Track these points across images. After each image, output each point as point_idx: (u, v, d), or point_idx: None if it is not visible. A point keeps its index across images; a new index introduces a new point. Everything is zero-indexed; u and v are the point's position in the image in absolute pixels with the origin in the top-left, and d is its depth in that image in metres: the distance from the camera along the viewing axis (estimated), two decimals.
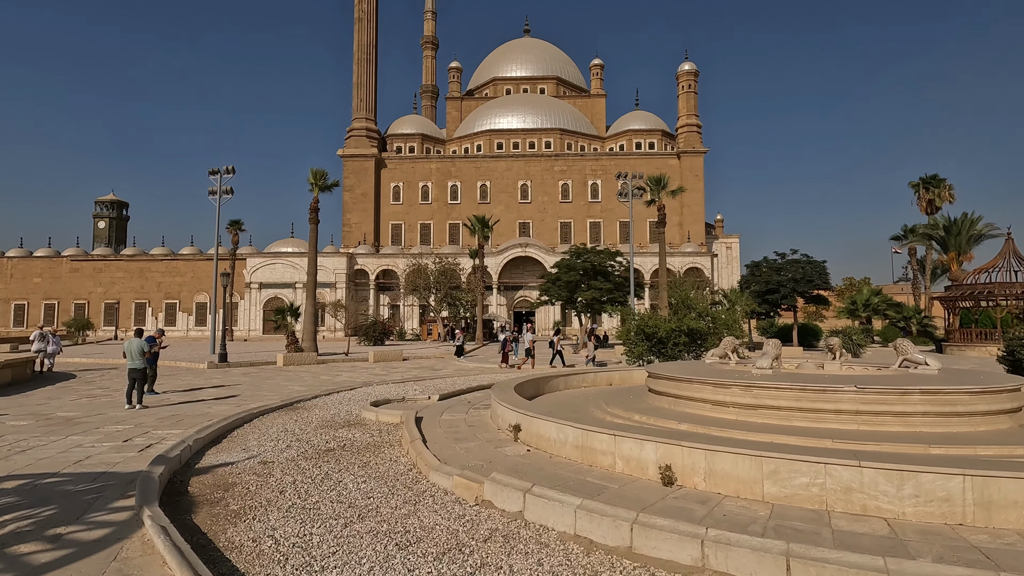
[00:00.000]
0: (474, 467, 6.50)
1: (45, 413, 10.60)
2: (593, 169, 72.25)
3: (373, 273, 63.98)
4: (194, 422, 9.57)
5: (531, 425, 7.66)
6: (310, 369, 21.76)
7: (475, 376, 18.36)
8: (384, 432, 9.04)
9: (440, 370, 21.24)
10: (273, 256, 61.94)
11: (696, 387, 8.93)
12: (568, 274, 34.05)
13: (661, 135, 74.73)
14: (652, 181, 36.59)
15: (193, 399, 12.66)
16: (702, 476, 5.53)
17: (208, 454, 7.53)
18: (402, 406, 11.21)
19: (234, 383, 16.38)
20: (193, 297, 61.74)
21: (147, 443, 7.83)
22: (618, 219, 71.49)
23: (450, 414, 10.26)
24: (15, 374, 16.58)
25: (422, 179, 72.64)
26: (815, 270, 30.87)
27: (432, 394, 12.77)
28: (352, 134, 72.21)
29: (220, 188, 32.06)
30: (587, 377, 14.77)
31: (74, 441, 7.90)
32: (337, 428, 9.29)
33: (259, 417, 10.23)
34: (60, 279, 61.85)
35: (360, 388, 14.63)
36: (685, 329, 17.84)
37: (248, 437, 8.57)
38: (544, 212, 71.89)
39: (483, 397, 12.71)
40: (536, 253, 64.37)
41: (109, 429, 8.85)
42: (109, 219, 78.39)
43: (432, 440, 7.94)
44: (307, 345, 29.15)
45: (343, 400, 12.41)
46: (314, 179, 30.95)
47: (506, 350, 22.40)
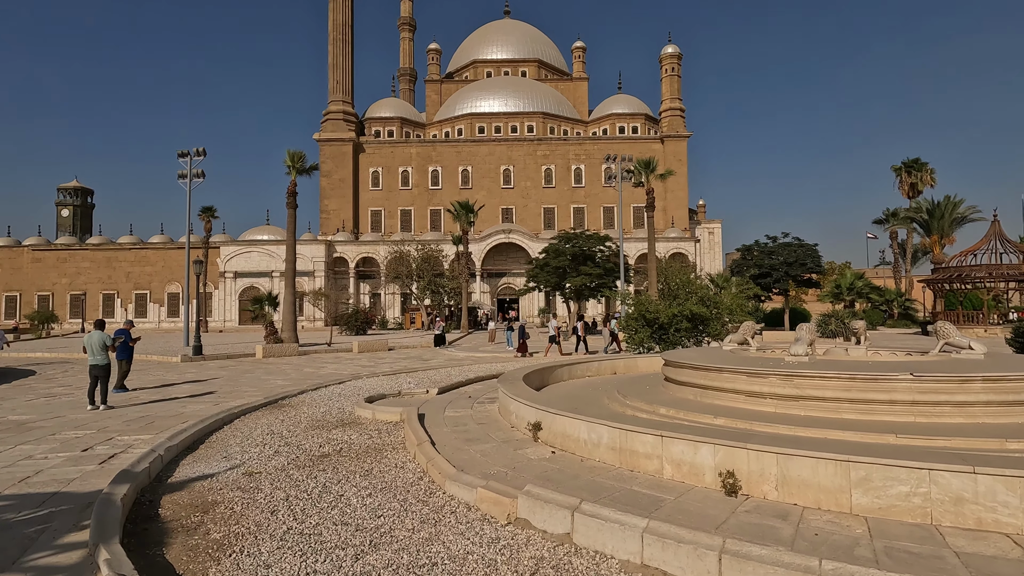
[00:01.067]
0: (497, 475, 5.62)
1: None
2: (576, 154, 71.33)
3: (353, 261, 62.32)
4: (166, 424, 8.49)
5: (555, 424, 6.80)
6: (291, 361, 20.61)
7: (469, 367, 17.46)
8: (383, 432, 8.10)
9: (430, 360, 20.28)
10: (248, 244, 59.85)
11: (727, 377, 8.17)
12: (557, 259, 33.25)
13: (644, 119, 74.09)
14: (641, 164, 35.88)
15: (165, 397, 11.52)
16: (773, 484, 4.74)
17: (183, 464, 6.50)
18: (399, 401, 10.27)
19: (210, 378, 15.21)
20: (164, 287, 59.41)
21: (110, 452, 6.77)
22: (602, 204, 70.87)
23: (453, 410, 9.36)
24: None
25: (402, 164, 70.85)
26: (807, 253, 30.59)
27: (429, 387, 11.84)
28: (329, 117, 69.91)
29: (191, 171, 30.33)
30: (591, 366, 14.01)
31: (23, 452, 6.79)
32: (330, 429, 8.32)
33: (240, 417, 9.18)
34: (21, 270, 58.86)
35: (349, 382, 13.61)
36: (688, 314, 17.17)
37: (229, 442, 7.54)
38: (527, 197, 70.84)
39: (484, 390, 11.83)
40: (520, 239, 63.42)
41: (67, 435, 7.73)
42: (73, 207, 75.01)
43: (441, 442, 7.03)
44: (287, 336, 27.88)
45: (333, 396, 11.40)
46: (291, 161, 29.43)
47: (524, 339, 21.59)
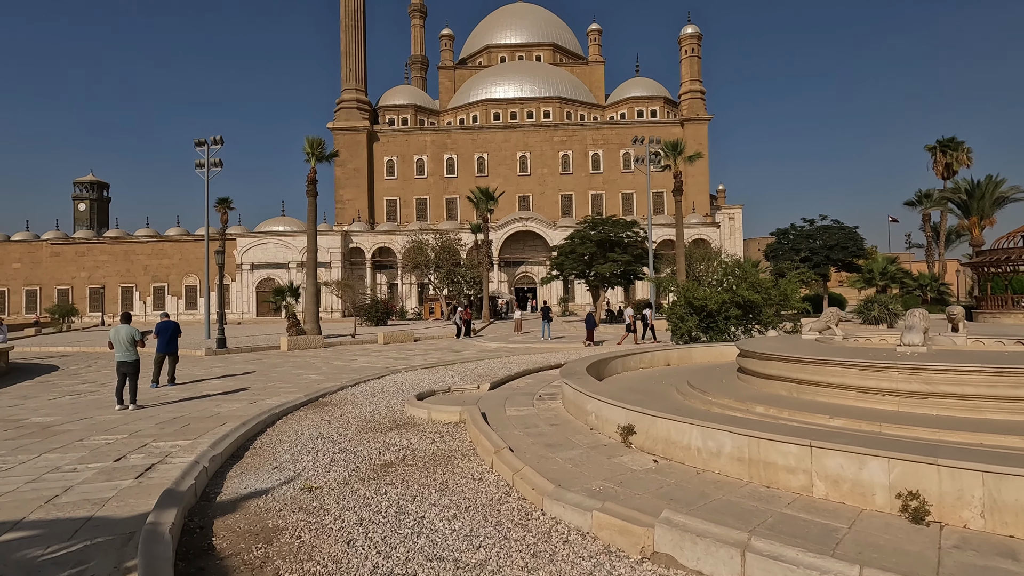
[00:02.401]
0: (604, 493, 4.72)
1: (16, 418, 8.67)
2: (594, 139, 69.84)
3: (369, 251, 61.66)
4: (203, 427, 7.70)
5: (653, 428, 5.86)
6: (318, 353, 19.88)
7: (507, 359, 16.58)
8: (445, 435, 7.23)
9: (462, 352, 19.44)
10: (264, 235, 59.39)
11: (832, 370, 7.17)
12: (583, 246, 32.19)
13: (663, 102, 72.29)
14: (668, 146, 34.58)
15: (196, 394, 10.76)
16: (978, 510, 3.77)
17: (230, 477, 5.67)
18: (451, 399, 9.40)
19: (239, 372, 14.48)
20: (182, 280, 59.24)
21: (147, 463, 5.96)
22: (620, 191, 69.46)
23: (515, 408, 8.47)
24: None
25: (417, 152, 69.85)
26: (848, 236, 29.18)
27: (479, 382, 10.96)
28: (342, 106, 69.00)
29: (208, 160, 29.59)
30: (643, 357, 13.06)
31: (49, 463, 6.00)
32: (385, 431, 7.46)
33: (283, 418, 8.37)
34: (41, 264, 58.96)
35: (387, 376, 12.78)
36: (740, 300, 16.10)
37: (277, 448, 6.72)
38: (544, 184, 69.59)
39: (537, 384, 10.94)
40: (538, 227, 62.33)
41: (96, 441, 6.95)
42: (90, 201, 75.07)
43: (519, 448, 6.14)
44: (310, 327, 27.20)
45: (376, 392, 10.56)
46: (310, 148, 28.58)
47: (592, 328, 20.74)
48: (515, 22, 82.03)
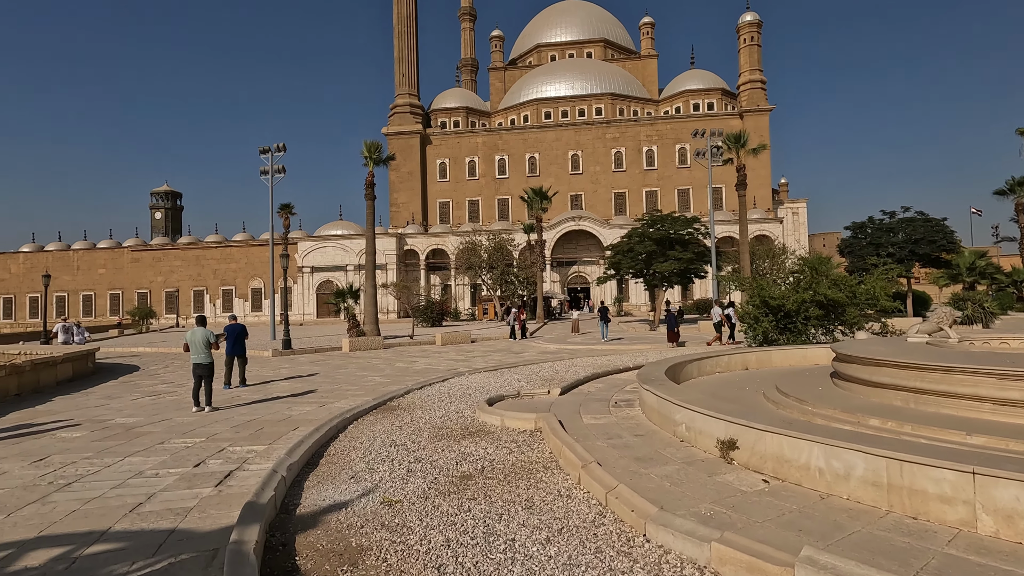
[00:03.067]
0: (717, 519, 4.17)
1: (102, 419, 8.93)
2: (648, 135, 68.14)
3: (423, 253, 62.49)
4: (276, 431, 7.62)
5: (761, 443, 5.24)
6: (379, 355, 20.01)
7: (569, 360, 16.08)
8: (522, 445, 6.83)
9: (522, 354, 19.08)
10: (323, 239, 61.26)
11: (962, 379, 6.30)
12: (641, 244, 31.19)
13: (721, 94, 69.71)
14: (730, 139, 33.08)
15: (267, 396, 10.86)
16: None
17: (308, 487, 5.47)
18: (522, 404, 9.01)
19: (305, 374, 14.66)
20: (248, 283, 61.92)
21: (225, 469, 5.86)
22: (676, 187, 67.48)
23: (591, 415, 7.98)
24: (76, 368, 15.36)
25: (468, 154, 70.29)
26: (935, 229, 26.87)
27: (547, 387, 10.54)
28: (396, 111, 70.33)
29: (272, 167, 30.59)
30: (720, 360, 12.26)
31: (133, 467, 6.00)
32: (458, 439, 7.15)
33: (354, 423, 8.22)
34: (122, 269, 63.07)
35: (452, 379, 12.56)
36: (822, 299, 14.95)
37: (351, 456, 6.51)
38: (596, 183, 68.50)
39: (608, 389, 10.40)
40: (590, 226, 61.36)
41: (176, 445, 6.97)
42: (164, 209, 79.83)
43: (607, 462, 5.65)
44: (369, 329, 27.60)
45: (442, 396, 10.32)
46: (368, 152, 29.03)
47: (676, 328, 20.10)
48: (564, 20, 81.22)
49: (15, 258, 63.49)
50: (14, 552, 3.92)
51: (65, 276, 62.33)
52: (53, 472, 5.87)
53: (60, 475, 5.76)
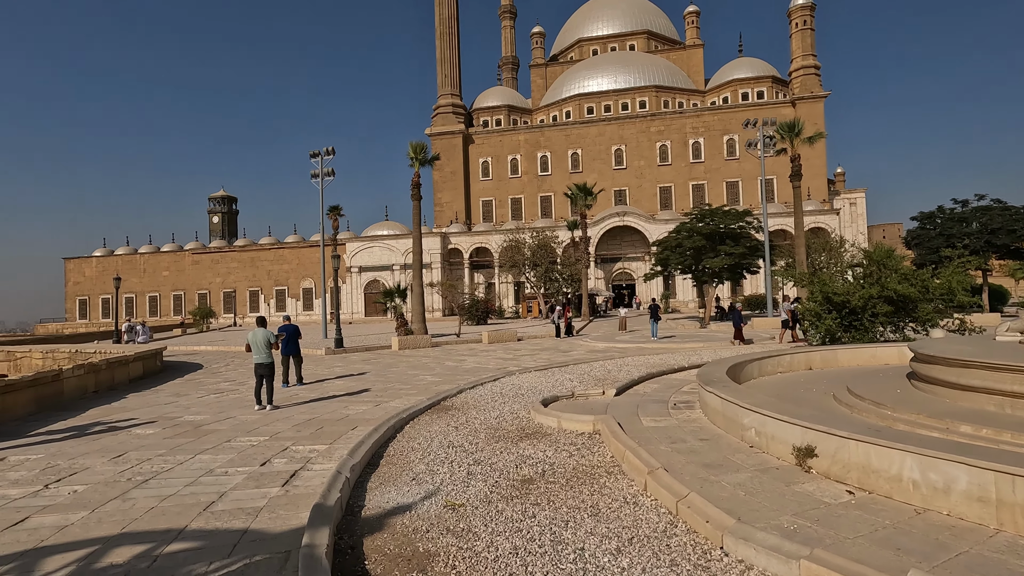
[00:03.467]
0: (801, 533, 3.90)
1: (172, 416, 9.31)
2: (694, 127, 66.35)
3: (467, 252, 62.95)
4: (335, 431, 7.74)
5: (844, 452, 4.90)
6: (428, 353, 20.21)
7: (620, 359, 15.76)
8: (581, 448, 6.67)
9: (570, 352, 18.87)
10: (370, 240, 62.60)
11: None
12: (690, 239, 30.34)
13: (771, 82, 67.11)
14: (783, 127, 31.76)
15: (323, 395, 11.09)
16: None
17: (371, 488, 5.49)
18: (577, 405, 8.84)
19: (358, 372, 14.93)
20: (299, 283, 63.98)
21: (290, 468, 5.96)
22: (724, 180, 65.50)
23: (651, 418, 7.73)
24: (146, 366, 16.18)
25: (510, 152, 70.31)
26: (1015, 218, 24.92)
27: (601, 387, 10.32)
28: (439, 111, 71.08)
29: (322, 170, 31.40)
30: (781, 360, 11.73)
31: (203, 464, 6.19)
32: (515, 440, 7.06)
33: (410, 423, 8.26)
34: (184, 271, 66.33)
35: (503, 378, 12.51)
36: (892, 295, 14.08)
37: (410, 457, 6.52)
38: (641, 177, 67.25)
39: (664, 389, 10.10)
40: (635, 222, 60.29)
41: (242, 443, 7.17)
42: (221, 214, 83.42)
43: (674, 467, 5.43)
44: (417, 327, 27.95)
45: (495, 396, 10.27)
46: (413, 153, 29.39)
47: (740, 324, 19.52)
48: (606, 13, 79.98)
49: (88, 262, 67.76)
50: (100, 548, 4.07)
51: (133, 278, 66.07)
52: (131, 469, 6.12)
53: (137, 472, 6.00)
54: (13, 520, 4.69)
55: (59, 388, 11.13)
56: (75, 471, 6.09)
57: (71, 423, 9.02)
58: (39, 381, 10.50)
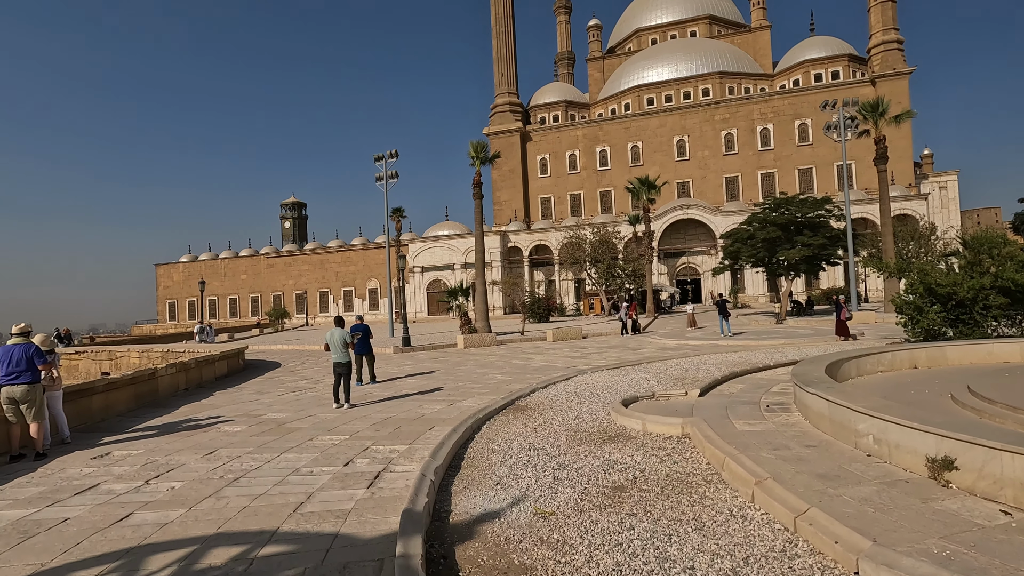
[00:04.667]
0: (961, 561, 3.35)
1: (256, 414, 9.60)
2: (762, 112, 63.18)
3: (526, 250, 62.83)
4: (413, 430, 7.67)
5: (995, 464, 4.25)
6: (494, 351, 20.15)
7: (694, 357, 15.04)
8: (672, 453, 6.25)
9: (640, 350, 18.24)
10: (432, 240, 63.68)
11: None
12: (763, 230, 28.75)
13: (847, 61, 62.89)
14: (866, 107, 29.56)
15: (397, 393, 11.15)
16: None
17: (455, 492, 5.33)
18: (660, 407, 8.38)
19: (427, 370, 15.01)
20: (365, 284, 66.03)
21: (373, 469, 5.90)
22: (795, 167, 61.99)
23: (741, 420, 7.18)
24: (230, 365, 16.99)
25: (568, 148, 69.59)
26: None
27: (682, 387, 9.78)
28: (496, 110, 71.35)
29: (386, 173, 32.10)
30: (882, 358, 10.75)
31: (289, 463, 6.25)
32: (599, 443, 6.72)
33: (487, 423, 8.10)
34: (260, 274, 70.03)
35: (575, 378, 12.16)
36: (1009, 285, 12.62)
37: (491, 459, 6.33)
38: (705, 168, 64.78)
39: (751, 390, 9.43)
40: (700, 214, 58.09)
41: (324, 442, 7.23)
42: (292, 219, 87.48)
43: (782, 477, 4.93)
44: (480, 325, 28.04)
45: (569, 396, 9.96)
46: (475, 152, 29.48)
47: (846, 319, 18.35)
48: (665, 0, 77.51)
49: (176, 267, 72.86)
50: (199, 548, 4.09)
51: (214, 282, 70.42)
52: (222, 466, 6.26)
53: (228, 469, 6.12)
54: (119, 516, 4.84)
55: (155, 386, 11.79)
56: (172, 467, 6.30)
57: (165, 419, 9.48)
58: (137, 379, 11.15)
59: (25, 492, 5.61)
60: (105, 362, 25.52)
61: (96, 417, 9.58)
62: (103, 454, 7.10)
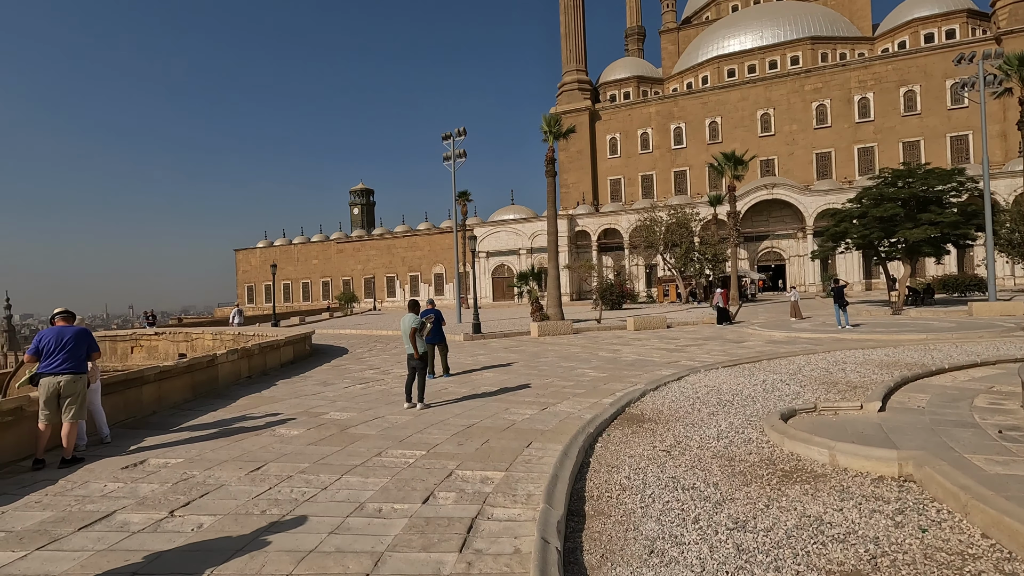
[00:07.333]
0: None
1: (317, 411, 8.28)
2: (860, 80, 56.98)
3: (594, 234, 60.18)
4: (506, 446, 5.99)
5: None
6: (572, 341, 18.30)
7: (823, 353, 12.52)
8: (903, 508, 4.17)
9: (745, 343, 15.81)
10: (497, 224, 62.34)
11: None
12: (878, 207, 25.05)
13: (966, 17, 55.48)
14: (1011, 61, 25.09)
15: (475, 391, 9.56)
16: None
17: (590, 563, 3.54)
18: (831, 424, 6.24)
19: (504, 362, 13.39)
20: (431, 269, 65.77)
21: (464, 514, 4.23)
22: (900, 139, 55.62)
23: (980, 455, 4.95)
24: (296, 351, 16.12)
25: (640, 126, 65.89)
26: None
27: (844, 394, 7.54)
28: (564, 89, 68.63)
29: (454, 152, 30.74)
30: None
31: (351, 492, 4.71)
32: (776, 483, 4.74)
33: (600, 441, 6.28)
34: (330, 260, 71.41)
35: (688, 377, 10.10)
36: None
37: (625, 502, 4.49)
38: (793, 143, 59.42)
39: (945, 402, 7.06)
40: (786, 194, 53.25)
41: (394, 458, 5.68)
42: (361, 205, 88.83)
43: None
44: (553, 312, 26.23)
45: (693, 402, 7.95)
46: (547, 126, 27.46)
47: None
48: None
49: (253, 253, 75.65)
50: None
51: (288, 266, 72.54)
52: (268, 492, 4.81)
53: (274, 499, 4.65)
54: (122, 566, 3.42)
55: (214, 374, 10.83)
56: (207, 489, 4.92)
57: (219, 415, 8.33)
58: (195, 367, 10.17)
59: (25, 520, 4.37)
60: (182, 343, 25.80)
61: (147, 410, 8.57)
62: (137, 462, 5.88)
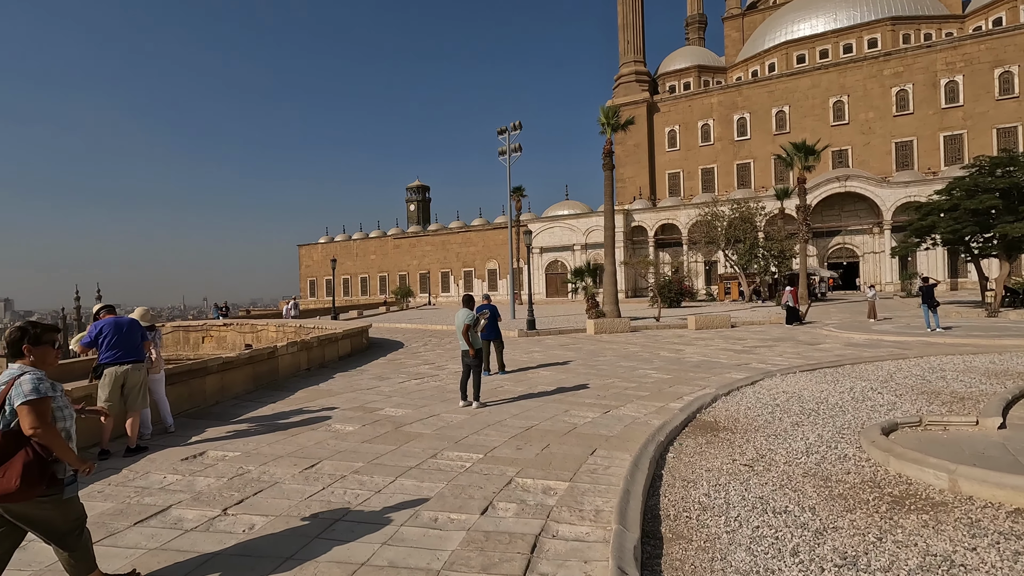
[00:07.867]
0: None
1: (373, 407, 8.15)
2: (948, 62, 52.50)
3: (651, 229, 58.55)
4: (569, 453, 5.58)
5: None
6: (630, 339, 17.62)
7: (916, 360, 11.35)
8: None
9: (820, 344, 14.67)
10: (551, 220, 61.80)
11: None
12: (972, 200, 22.82)
13: None
14: None
15: (531, 390, 9.19)
16: None
17: None
18: (942, 441, 5.45)
19: (560, 360, 12.95)
20: (485, 264, 66.00)
21: (526, 530, 3.87)
22: (993, 126, 50.93)
23: None
24: (353, 344, 16.30)
25: (701, 117, 63.46)
26: None
27: (950, 407, 6.66)
28: (621, 81, 67.05)
29: (509, 147, 30.49)
30: None
31: (405, 497, 4.44)
32: (885, 511, 4.10)
33: (671, 449, 5.75)
34: (388, 255, 73.03)
35: (762, 381, 9.33)
36: None
37: (708, 524, 3.98)
38: (869, 132, 55.55)
39: None
40: (861, 186, 49.87)
41: (450, 461, 5.39)
42: (417, 202, 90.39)
43: None
44: (609, 309, 25.53)
45: (772, 409, 7.26)
46: (605, 118, 26.70)
47: None
48: None
49: (315, 248, 78.45)
50: None
51: (347, 261, 74.74)
52: (320, 493, 4.62)
53: (326, 500, 4.45)
54: None
55: (274, 366, 10.98)
56: (261, 487, 4.79)
57: (278, 407, 8.36)
58: (255, 359, 10.33)
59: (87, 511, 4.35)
60: (248, 334, 26.85)
61: (210, 400, 8.72)
62: (197, 454, 5.87)
